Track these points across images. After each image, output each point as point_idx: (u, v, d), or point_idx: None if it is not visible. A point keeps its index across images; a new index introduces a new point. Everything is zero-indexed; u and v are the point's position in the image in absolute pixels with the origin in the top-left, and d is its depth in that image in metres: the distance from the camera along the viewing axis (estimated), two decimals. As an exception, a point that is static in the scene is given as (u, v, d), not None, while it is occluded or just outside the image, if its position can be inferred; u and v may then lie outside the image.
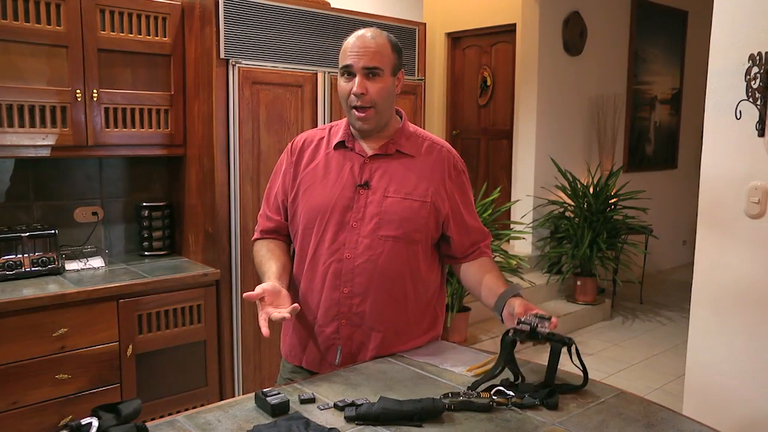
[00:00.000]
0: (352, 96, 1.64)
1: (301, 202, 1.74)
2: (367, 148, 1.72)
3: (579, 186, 5.32)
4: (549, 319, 1.49)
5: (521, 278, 4.50)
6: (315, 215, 1.70)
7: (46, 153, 2.59)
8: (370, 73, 1.63)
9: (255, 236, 1.86)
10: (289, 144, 1.83)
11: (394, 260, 1.67)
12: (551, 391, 1.46)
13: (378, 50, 1.64)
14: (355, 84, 1.63)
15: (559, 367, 1.53)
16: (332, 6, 3.16)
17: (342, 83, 1.67)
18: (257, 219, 1.89)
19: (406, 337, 1.75)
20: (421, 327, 1.78)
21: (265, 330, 1.47)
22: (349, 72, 1.64)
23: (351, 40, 1.66)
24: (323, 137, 1.78)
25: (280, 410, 1.35)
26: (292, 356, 1.80)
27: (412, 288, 1.73)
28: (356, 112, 1.66)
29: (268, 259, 1.74)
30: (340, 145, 1.74)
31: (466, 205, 1.78)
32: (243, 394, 2.30)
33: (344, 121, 1.78)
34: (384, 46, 1.65)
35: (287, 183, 1.78)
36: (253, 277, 2.88)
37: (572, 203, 5.32)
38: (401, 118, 1.78)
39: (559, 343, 1.49)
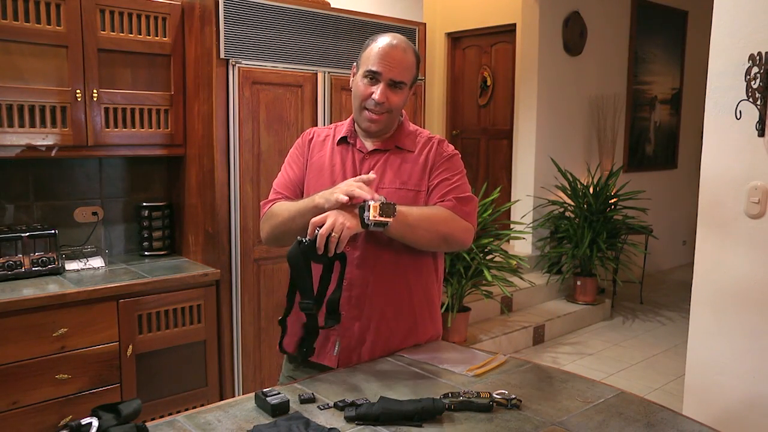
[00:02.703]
0: (371, 101, 1.67)
1: (305, 193, 1.77)
2: (368, 144, 1.77)
3: (579, 186, 5.32)
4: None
5: (521, 278, 4.50)
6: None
7: (46, 153, 2.59)
8: (395, 85, 1.67)
9: (269, 205, 1.79)
10: (299, 138, 1.86)
11: (392, 251, 1.68)
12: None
13: (407, 66, 1.68)
14: (378, 92, 1.66)
15: (558, 366, 1.53)
16: (332, 6, 3.16)
17: (362, 84, 1.68)
18: (264, 203, 1.82)
19: (405, 330, 1.75)
20: (421, 319, 1.79)
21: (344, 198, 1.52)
22: (374, 78, 1.67)
23: (382, 46, 1.66)
24: (328, 134, 1.83)
25: (280, 410, 1.35)
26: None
27: (412, 279, 1.75)
28: (368, 114, 1.69)
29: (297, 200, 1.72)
30: (342, 141, 1.78)
31: (442, 180, 1.74)
32: (243, 394, 2.30)
33: (348, 120, 1.82)
34: (412, 62, 1.70)
35: (303, 170, 1.80)
36: (253, 276, 2.88)
37: (572, 203, 5.32)
38: (401, 116, 1.81)
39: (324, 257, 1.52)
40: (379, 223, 1.53)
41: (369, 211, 1.52)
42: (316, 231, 1.51)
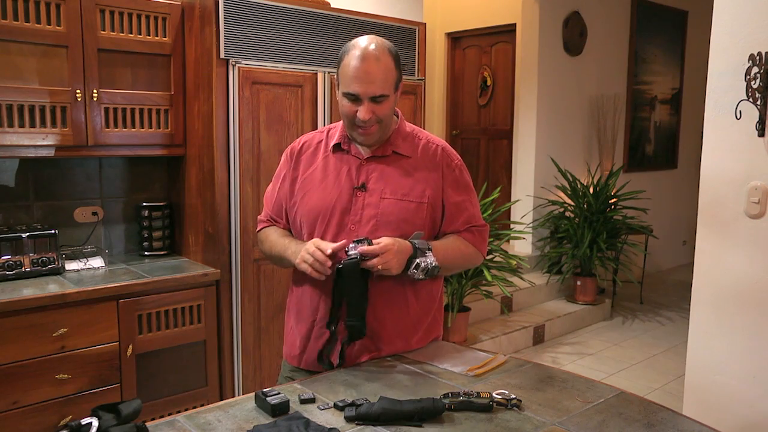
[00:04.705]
0: (358, 119, 1.63)
1: (300, 206, 1.74)
2: (364, 150, 1.73)
3: (579, 186, 5.32)
4: (363, 241, 1.59)
5: (521, 278, 4.50)
6: (315, 218, 1.70)
7: (46, 153, 2.59)
8: (377, 99, 1.62)
9: (259, 227, 1.87)
10: (288, 149, 1.83)
11: None
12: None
13: (384, 77, 1.61)
14: (362, 110, 1.62)
15: (558, 366, 1.54)
16: (332, 6, 3.16)
17: (345, 103, 1.65)
18: (258, 221, 1.89)
19: (406, 339, 1.75)
20: (421, 328, 1.78)
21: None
22: (354, 98, 1.62)
23: (355, 65, 1.59)
24: (321, 140, 1.79)
25: (280, 410, 1.35)
26: (291, 357, 1.80)
27: (411, 289, 1.73)
28: (359, 130, 1.66)
29: (284, 235, 1.78)
30: (337, 147, 1.75)
31: (460, 202, 1.76)
32: (243, 394, 2.30)
33: (340, 123, 1.78)
34: (389, 69, 1.62)
35: (286, 188, 1.79)
36: (253, 276, 2.88)
37: (572, 203, 5.32)
38: (397, 118, 1.78)
39: (352, 261, 1.57)
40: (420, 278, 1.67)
41: (417, 270, 1.63)
42: (359, 255, 1.56)
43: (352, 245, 1.59)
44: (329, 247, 1.58)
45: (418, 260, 1.62)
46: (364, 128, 1.65)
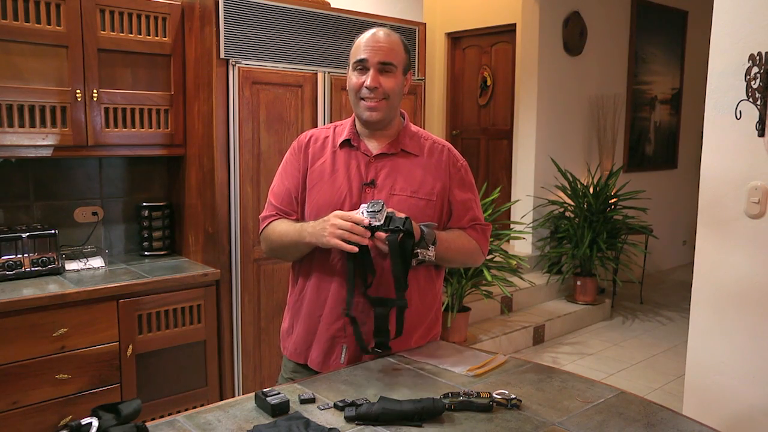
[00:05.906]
0: (365, 89, 1.66)
1: (309, 200, 1.74)
2: (372, 146, 1.74)
3: (579, 186, 5.32)
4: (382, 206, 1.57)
5: (521, 278, 4.50)
6: (323, 213, 1.70)
7: (46, 153, 2.59)
8: (384, 68, 1.67)
9: (264, 223, 1.80)
10: (295, 142, 1.83)
11: None
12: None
13: (392, 47, 1.69)
14: (369, 78, 1.66)
15: (558, 366, 1.54)
16: (332, 6, 3.16)
17: (354, 77, 1.69)
18: (262, 218, 1.82)
19: (406, 337, 1.75)
20: (422, 327, 1.79)
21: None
22: (362, 66, 1.67)
23: (365, 36, 1.69)
24: (328, 136, 1.79)
25: (280, 410, 1.35)
26: (297, 354, 1.80)
27: (417, 287, 1.74)
28: (365, 102, 1.68)
29: (294, 222, 1.73)
30: (346, 143, 1.75)
31: (466, 200, 1.79)
32: (243, 394, 2.30)
33: (349, 120, 1.79)
34: (398, 44, 1.71)
35: (298, 179, 1.77)
36: (253, 276, 2.89)
37: (572, 203, 5.32)
38: (404, 118, 1.80)
39: (394, 232, 1.55)
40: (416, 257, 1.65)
41: (413, 258, 1.62)
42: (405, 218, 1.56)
43: (365, 206, 1.58)
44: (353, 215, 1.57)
45: (418, 250, 1.62)
46: (371, 99, 1.67)
